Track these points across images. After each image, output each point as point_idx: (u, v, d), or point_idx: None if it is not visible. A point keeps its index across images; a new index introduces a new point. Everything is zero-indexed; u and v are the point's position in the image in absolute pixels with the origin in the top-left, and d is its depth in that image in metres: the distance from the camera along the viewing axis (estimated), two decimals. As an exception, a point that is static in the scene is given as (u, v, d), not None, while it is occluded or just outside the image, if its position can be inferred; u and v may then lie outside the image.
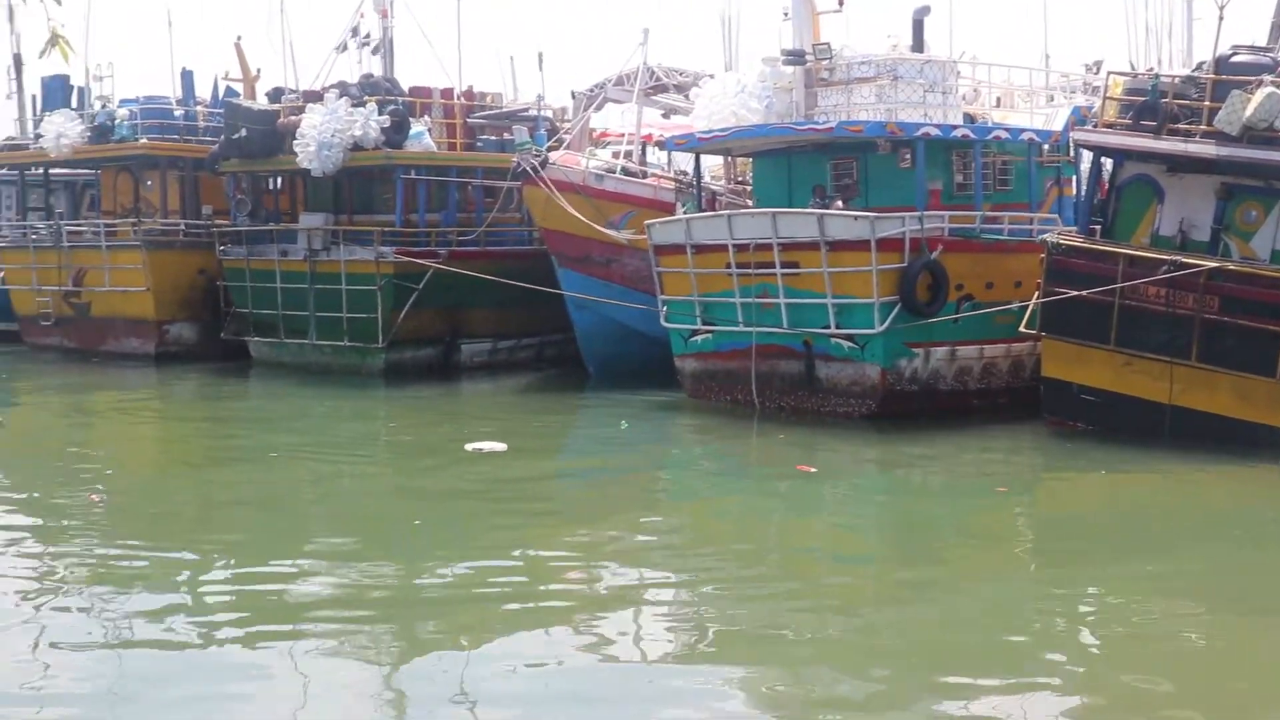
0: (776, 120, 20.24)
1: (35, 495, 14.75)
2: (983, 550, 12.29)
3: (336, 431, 20.04)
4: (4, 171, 33.89)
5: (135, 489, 15.21)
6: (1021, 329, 18.00)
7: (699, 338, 20.29)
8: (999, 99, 22.84)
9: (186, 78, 31.51)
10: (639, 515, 13.76)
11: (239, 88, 31.28)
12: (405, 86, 27.30)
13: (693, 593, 10.67)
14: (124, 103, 30.71)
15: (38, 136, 31.14)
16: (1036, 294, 17.70)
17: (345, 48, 28.58)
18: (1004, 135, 20.28)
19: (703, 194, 22.64)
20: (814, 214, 18.74)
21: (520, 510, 13.77)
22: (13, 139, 33.67)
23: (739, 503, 14.64)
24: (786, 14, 20.95)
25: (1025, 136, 20.41)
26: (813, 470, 15.53)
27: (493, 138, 27.77)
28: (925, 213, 18.60)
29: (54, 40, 9.12)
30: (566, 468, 17.52)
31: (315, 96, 26.26)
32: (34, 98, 34.08)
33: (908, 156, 19.49)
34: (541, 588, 10.71)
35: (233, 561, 11.63)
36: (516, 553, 11.75)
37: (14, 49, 35.19)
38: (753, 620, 9.76)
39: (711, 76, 23.67)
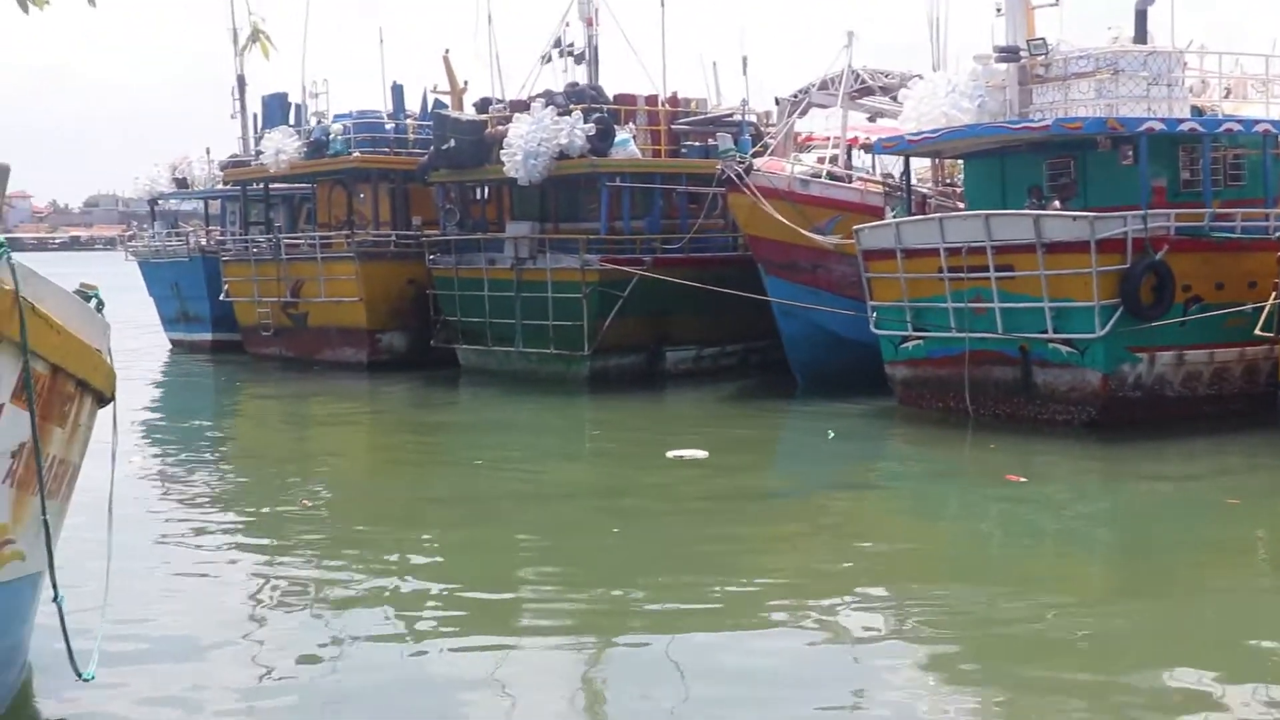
0: (989, 120, 19.55)
1: (253, 497, 15.09)
2: (1215, 565, 11.50)
3: (541, 438, 20.08)
4: (228, 188, 35.24)
5: (346, 495, 15.42)
6: (1257, 332, 16.98)
7: (910, 344, 19.73)
8: (1229, 89, 21.62)
9: (397, 92, 32.23)
10: (845, 526, 13.32)
11: (447, 100, 31.85)
12: (610, 94, 27.34)
13: (903, 612, 10.19)
14: (338, 118, 31.55)
15: (258, 153, 32.28)
16: (1274, 295, 16.67)
17: (550, 58, 28.82)
18: (1236, 128, 19.14)
19: (912, 197, 22.06)
20: (1030, 215, 18.01)
21: (720, 519, 13.46)
22: (236, 156, 34.99)
23: (951, 513, 14.07)
24: (999, 10, 20.26)
25: (1260, 129, 19.23)
26: (1023, 480, 14.86)
27: (697, 144, 27.62)
28: (1149, 211, 17.70)
29: (255, 36, 9.25)
30: (769, 476, 17.17)
31: (522, 106, 26.51)
32: (255, 116, 35.37)
33: (1129, 153, 18.56)
34: (740, 600, 10.37)
35: (439, 569, 11.63)
36: (715, 563, 11.44)
37: (238, 70, 36.63)
38: (977, 643, 9.25)
39: (920, 77, 23.03)
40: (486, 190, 29.26)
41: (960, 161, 23.38)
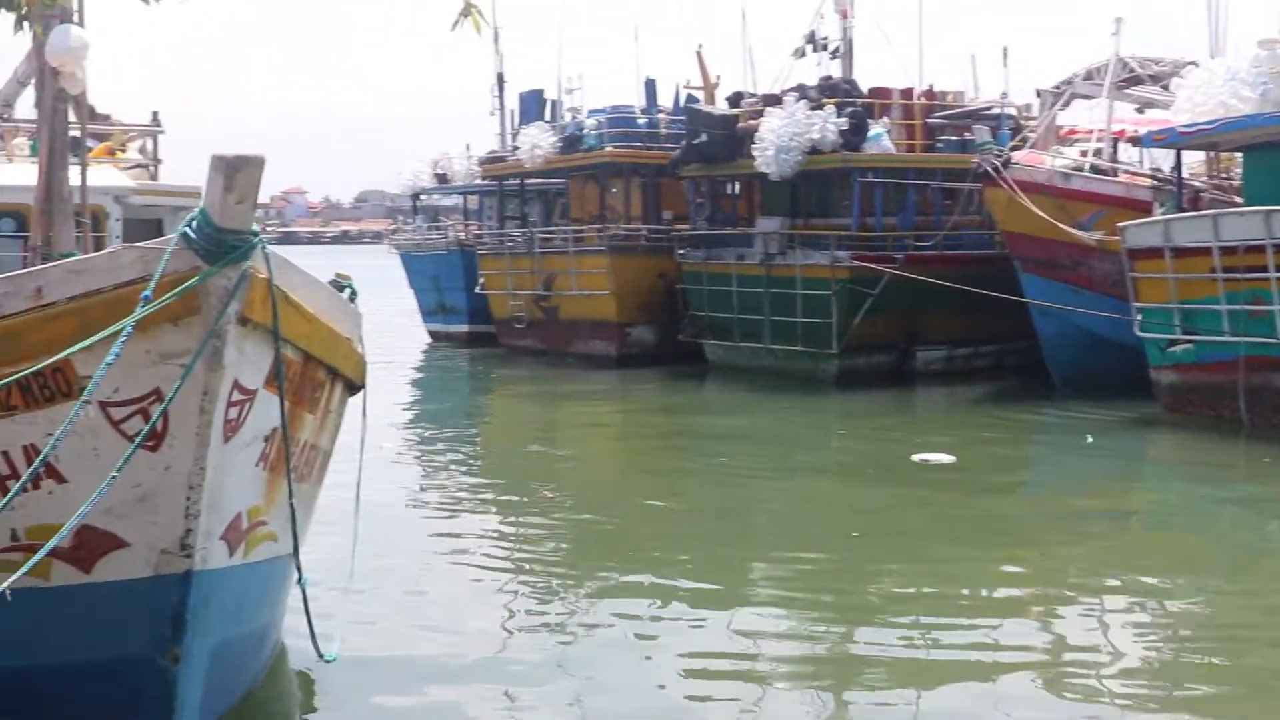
0: (1273, 110, 18.35)
1: (500, 485, 15.37)
2: None
3: (785, 436, 19.84)
4: (486, 183, 36.13)
5: (590, 487, 15.55)
6: None
7: (1178, 348, 18.68)
8: None
9: (649, 86, 32.45)
10: (1098, 540, 12.63)
11: (700, 95, 31.89)
12: (864, 88, 26.87)
13: (1175, 641, 9.57)
14: (592, 113, 31.95)
15: (514, 149, 32.97)
16: None
17: (804, 52, 28.53)
18: None
19: (1183, 192, 20.91)
20: (1315, 211, 16.85)
21: (964, 527, 12.98)
22: (494, 152, 35.83)
23: (1222, 534, 13.20)
24: (1286, -9, 19.04)
25: None
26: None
27: (953, 138, 26.85)
28: None
29: (466, 11, 9.34)
30: (1020, 483, 16.50)
31: (774, 100, 26.29)
32: (512, 113, 36.17)
33: None
34: (982, 615, 9.93)
35: (676, 560, 11.52)
36: (956, 572, 11.02)
37: (497, 68, 37.52)
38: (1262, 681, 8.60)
39: (1194, 65, 21.82)
40: (737, 185, 29.14)
41: (1238, 154, 22.04)
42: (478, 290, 33.71)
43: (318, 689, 8.00)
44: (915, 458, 16.04)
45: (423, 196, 40.98)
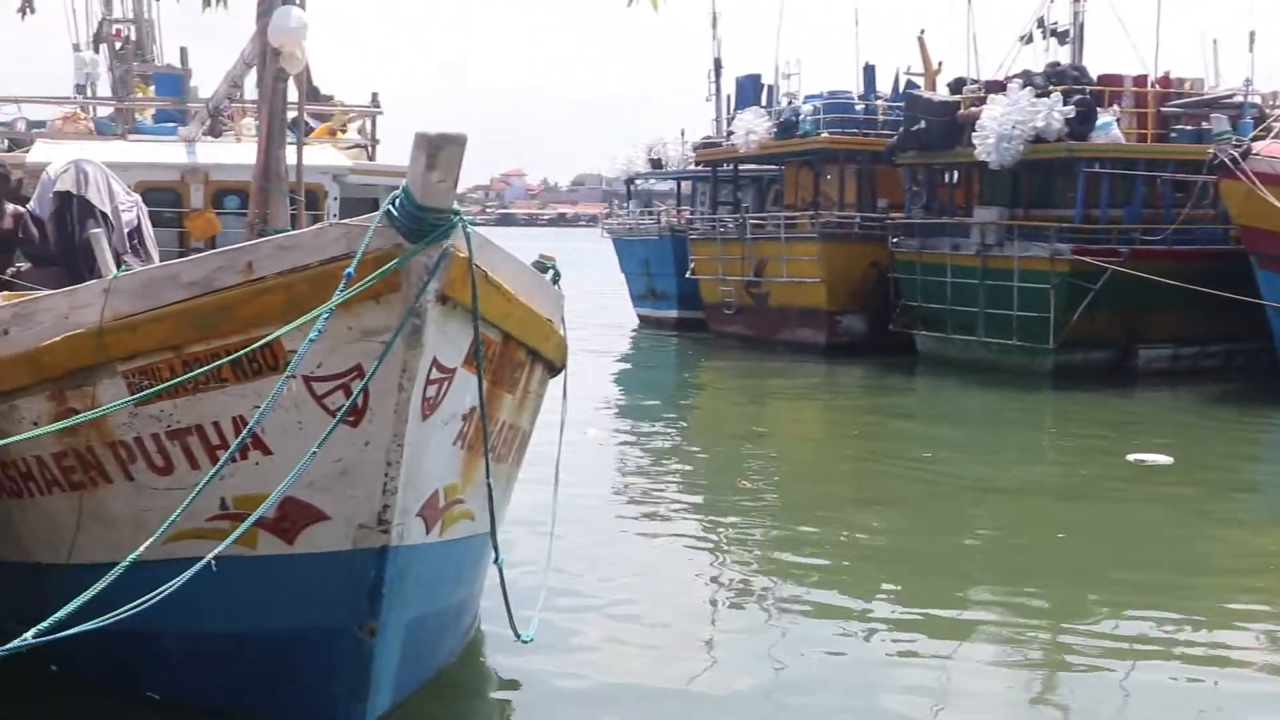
0: None
1: (701, 472, 15.31)
2: None
3: (996, 431, 19.29)
4: (699, 168, 36.13)
5: (792, 477, 15.35)
6: None
7: None
8: None
9: (868, 72, 31.94)
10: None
11: (920, 81, 31.26)
12: (1094, 74, 25.89)
13: None
14: (808, 99, 31.62)
15: (729, 134, 32.88)
16: None
17: (1031, 37, 27.73)
18: None
19: None
20: None
21: (1178, 532, 12.34)
22: (709, 138, 35.81)
23: None
24: None
25: None
26: None
27: (1188, 128, 25.69)
28: None
29: None
30: (1241, 490, 15.59)
31: (998, 87, 25.57)
32: (729, 98, 36.08)
33: None
34: (1206, 627, 9.41)
35: (875, 556, 11.28)
36: (1171, 580, 10.48)
37: (714, 53, 37.47)
38: None
39: None
40: (955, 173, 28.46)
41: None
42: (688, 275, 33.76)
43: (513, 669, 8.03)
44: (1130, 457, 15.38)
45: (637, 181, 41.22)
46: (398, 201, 5.51)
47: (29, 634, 4.28)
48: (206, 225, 11.58)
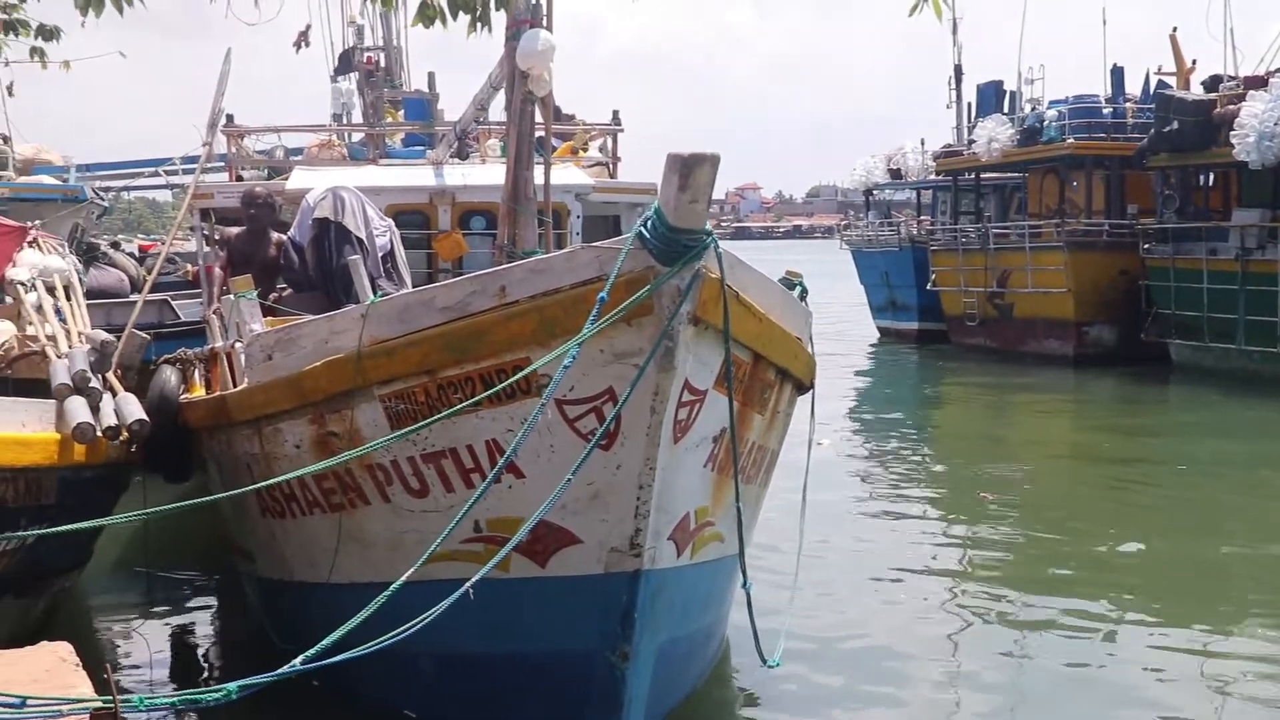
0: None
1: (944, 488, 14.90)
2: None
3: (1258, 445, 18.18)
4: (940, 178, 35.41)
5: (1037, 493, 14.76)
6: None
7: None
8: None
9: (1116, 74, 30.78)
10: None
11: (1171, 81, 29.92)
12: (1364, 66, 24.35)
13: None
14: (1053, 104, 30.67)
15: (970, 142, 32.11)
16: None
17: (1293, 30, 26.19)
18: None
19: None
20: None
21: None
22: (949, 146, 35.08)
23: None
24: None
25: None
26: None
27: None
28: None
29: None
30: None
31: (1258, 82, 24.24)
32: (969, 105, 35.25)
33: None
34: None
35: (1126, 576, 10.71)
36: None
37: (955, 60, 36.67)
38: None
39: None
40: (1211, 175, 27.15)
41: None
42: (929, 287, 33.11)
43: (759, 693, 7.90)
44: None
45: (875, 192, 40.66)
46: (649, 223, 5.42)
47: (298, 660, 4.34)
48: (454, 246, 11.81)
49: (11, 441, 7.32)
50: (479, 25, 4.79)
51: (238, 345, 8.05)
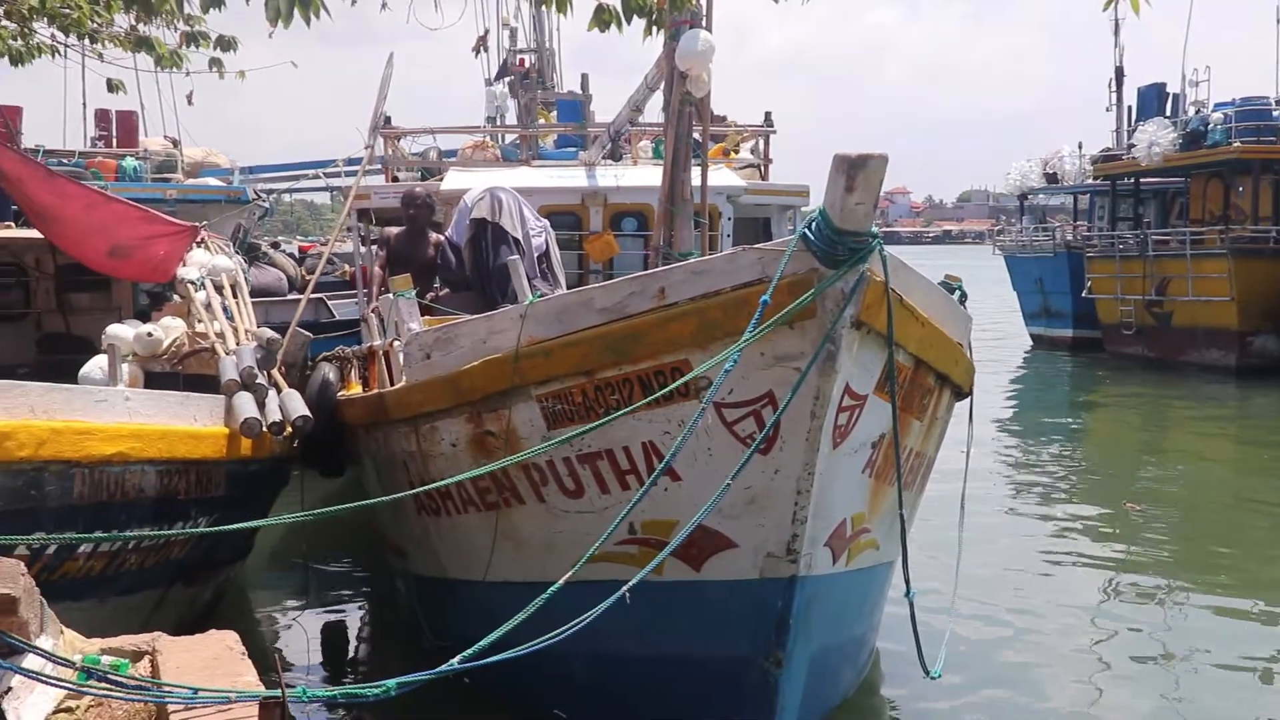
0: None
1: (1097, 499, 14.47)
2: None
3: None
4: (1097, 182, 34.55)
5: (1188, 505, 14.25)
6: None
7: None
8: None
9: (1288, 75, 29.70)
10: None
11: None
12: None
13: None
14: (1218, 107, 29.70)
15: (1130, 146, 31.26)
16: None
17: None
18: None
19: None
20: None
21: None
22: (1108, 150, 34.21)
23: None
24: None
25: None
26: None
27: None
28: None
29: None
30: None
31: None
32: (1130, 109, 34.34)
33: None
34: None
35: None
36: None
37: (1116, 62, 35.76)
38: None
39: None
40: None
41: None
42: (1084, 294, 32.32)
43: (913, 706, 7.74)
44: None
45: (1030, 196, 39.83)
46: (814, 225, 5.33)
47: (455, 660, 4.37)
48: (605, 247, 11.83)
49: (184, 435, 7.53)
50: (654, 29, 4.75)
51: (396, 344, 8.17)
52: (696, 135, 9.81)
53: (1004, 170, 39.16)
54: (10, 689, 4.41)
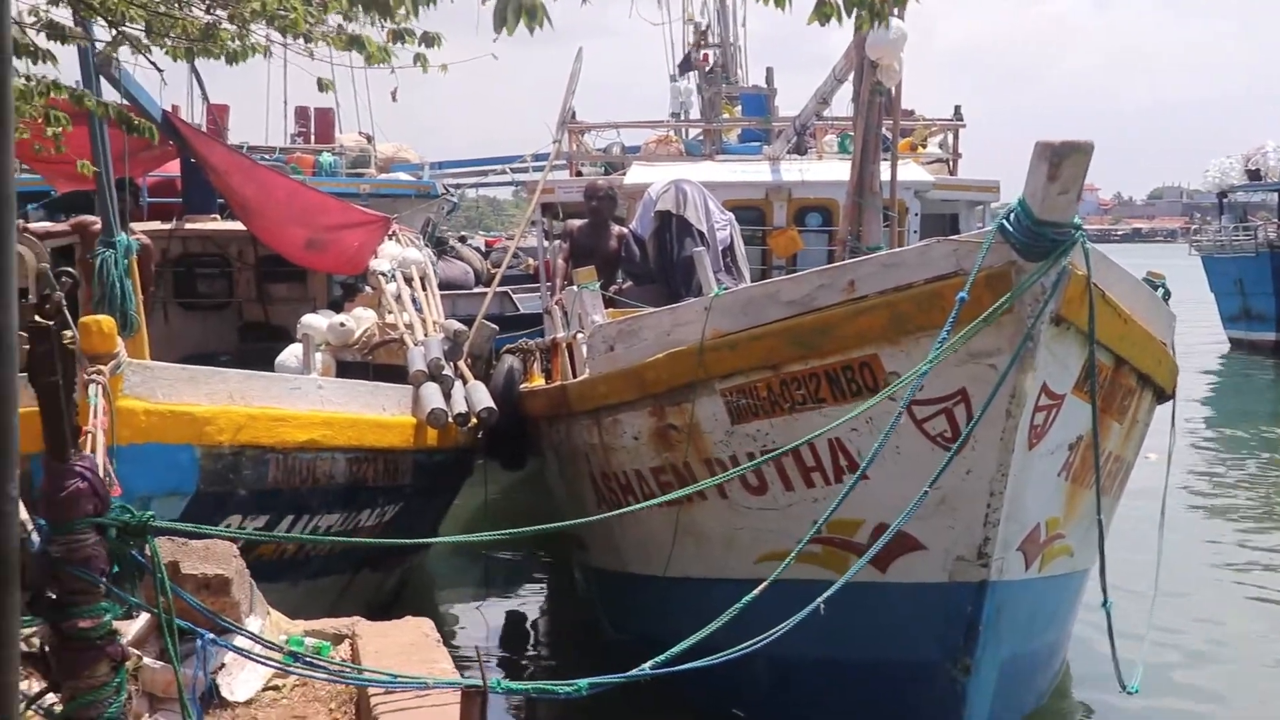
0: None
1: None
2: None
3: None
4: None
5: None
6: None
7: None
8: None
9: None
10: None
11: None
12: None
13: None
14: None
15: (1341, 140, 29.84)
16: None
17: None
18: None
19: None
20: None
21: None
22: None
23: None
24: None
25: None
26: None
27: None
28: None
29: None
30: None
31: None
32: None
33: None
34: None
35: None
36: None
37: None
38: None
39: None
40: None
41: None
42: (1290, 296, 30.97)
43: (1102, 717, 7.44)
44: None
45: (1229, 194, 38.27)
46: (1013, 216, 5.12)
47: (646, 665, 4.35)
48: (789, 243, 11.68)
49: (373, 424, 7.66)
50: (875, 21, 4.62)
51: (579, 336, 8.18)
52: (885, 131, 9.59)
53: (1198, 165, 37.85)
54: (224, 665, 4.59)
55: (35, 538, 3.49)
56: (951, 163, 14.32)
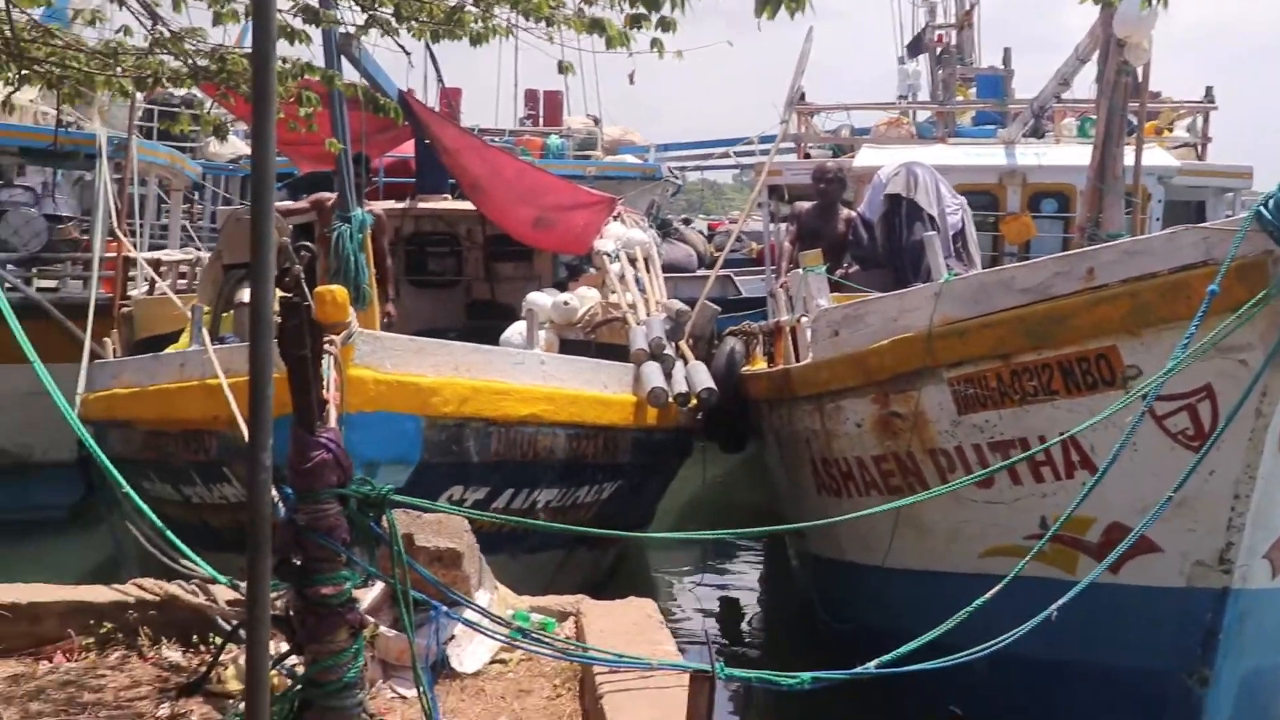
0: None
1: None
2: None
3: None
4: None
5: None
6: None
7: None
8: None
9: None
10: None
11: None
12: None
13: None
14: None
15: None
16: None
17: None
18: None
19: None
20: None
21: None
22: None
23: None
24: None
25: None
26: None
27: None
28: None
29: None
30: None
31: None
32: None
33: None
34: None
35: None
36: None
37: None
38: None
39: None
40: None
41: None
42: None
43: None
44: None
45: None
46: (1272, 203, 4.80)
47: (871, 664, 4.27)
48: (1022, 229, 11.33)
49: (594, 401, 7.71)
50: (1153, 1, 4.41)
51: (804, 320, 8.06)
52: (1130, 115, 9.17)
53: None
54: (454, 636, 4.70)
55: (281, 506, 3.62)
56: (1200, 147, 13.67)
